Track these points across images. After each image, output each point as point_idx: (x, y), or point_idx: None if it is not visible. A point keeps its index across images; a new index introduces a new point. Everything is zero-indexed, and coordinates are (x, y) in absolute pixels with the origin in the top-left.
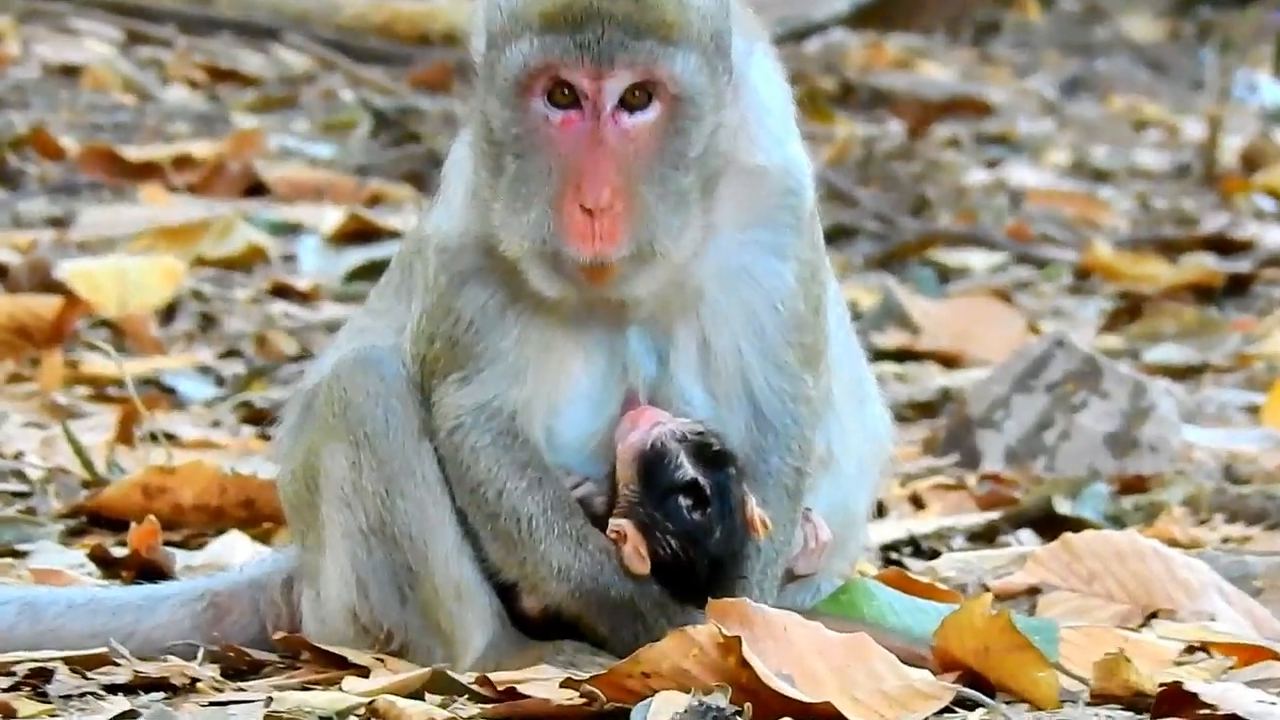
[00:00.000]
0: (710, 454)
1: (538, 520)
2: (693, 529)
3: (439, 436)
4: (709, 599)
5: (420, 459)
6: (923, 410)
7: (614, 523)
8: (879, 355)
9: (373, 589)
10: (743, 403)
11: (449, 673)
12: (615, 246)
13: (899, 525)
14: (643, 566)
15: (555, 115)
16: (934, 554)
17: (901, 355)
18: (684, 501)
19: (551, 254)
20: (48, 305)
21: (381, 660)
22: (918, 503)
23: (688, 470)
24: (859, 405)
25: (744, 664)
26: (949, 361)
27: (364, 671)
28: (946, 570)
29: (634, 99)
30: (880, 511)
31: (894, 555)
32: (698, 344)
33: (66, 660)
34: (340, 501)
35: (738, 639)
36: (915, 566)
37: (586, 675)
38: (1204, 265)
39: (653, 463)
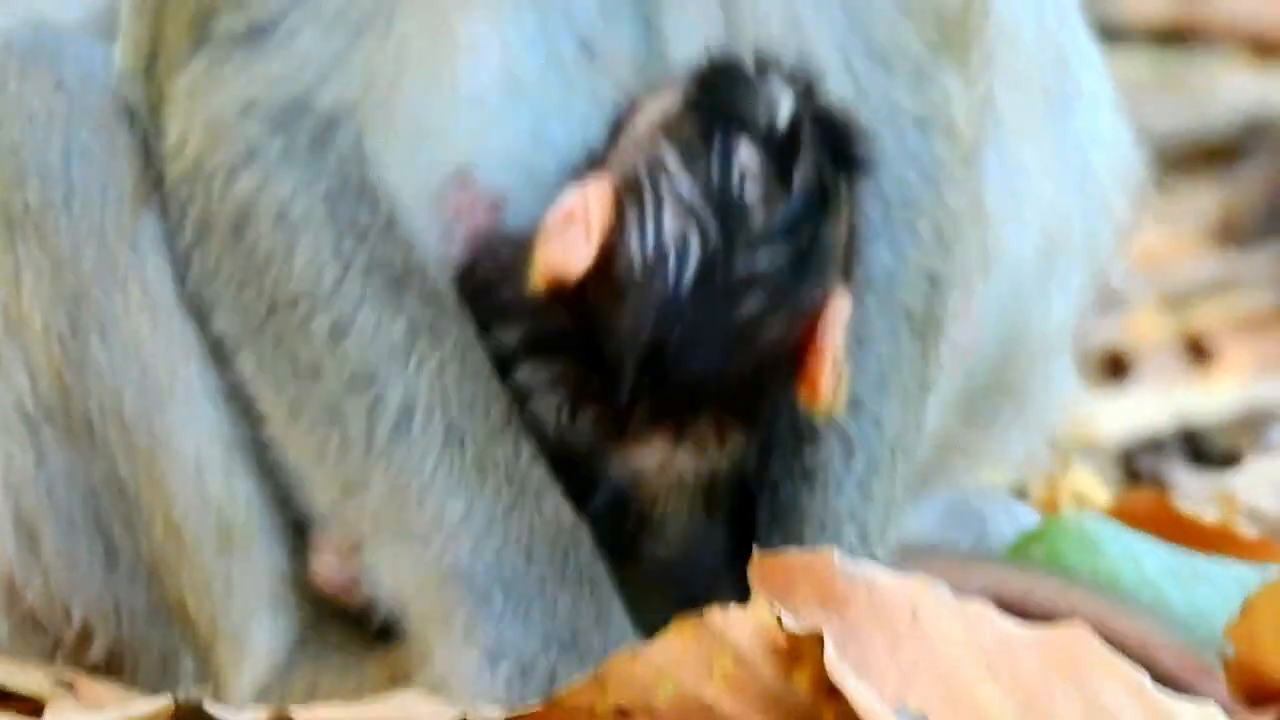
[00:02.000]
0: (841, 129)
1: (417, 398)
2: (725, 218)
3: (186, 184)
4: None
5: (141, 254)
6: (1212, 155)
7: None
8: (1114, 34)
9: (48, 534)
10: None
11: (207, 707)
12: None
13: (1161, 399)
14: (579, 255)
15: None
16: (1229, 458)
17: (1168, 35)
18: (746, 155)
19: None
20: None
21: (69, 686)
22: (1198, 350)
23: (785, 102)
24: (1057, 122)
25: (828, 689)
26: (1265, 50)
27: (32, 707)
28: (1256, 494)
29: None
30: (1116, 368)
31: (1147, 462)
32: (720, 3)
33: None
34: None
35: (816, 637)
36: (1191, 486)
37: (500, 714)
38: None
39: (721, 73)
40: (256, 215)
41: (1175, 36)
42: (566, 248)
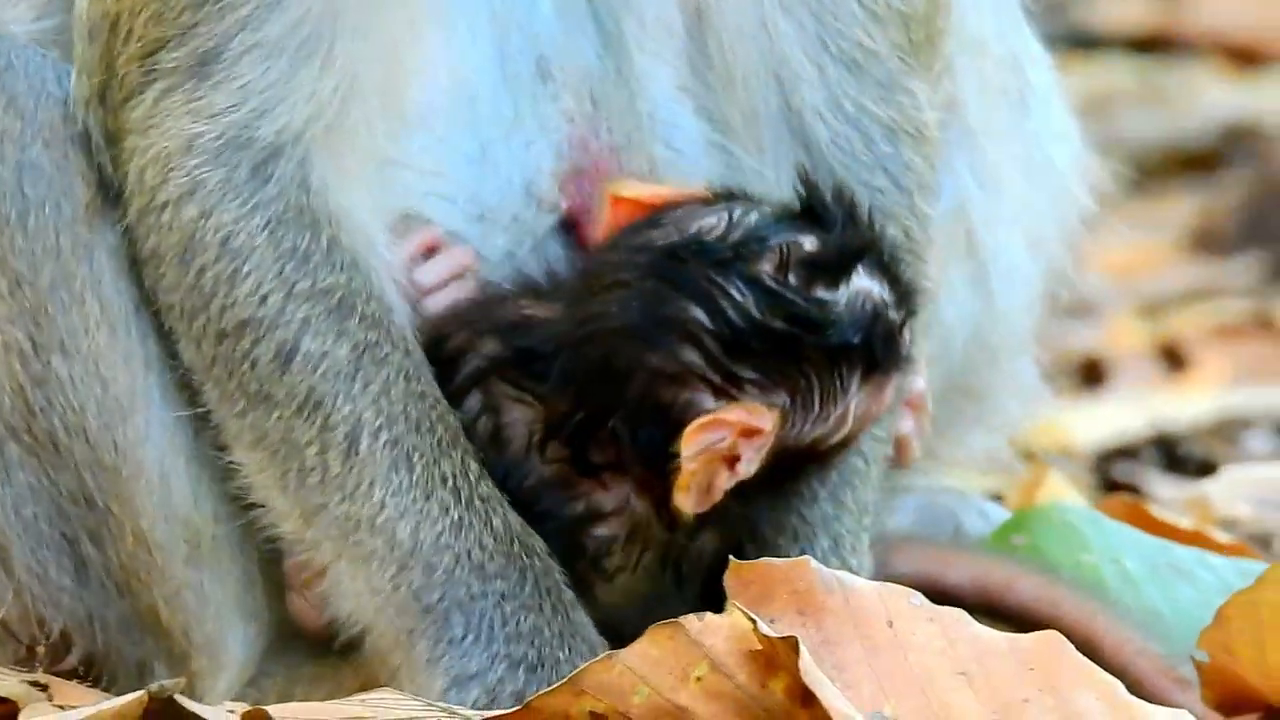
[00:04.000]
0: (900, 343)
1: (363, 420)
2: (742, 245)
3: (142, 217)
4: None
5: (97, 269)
6: (1190, 163)
7: None
8: (1092, 42)
9: (16, 550)
10: (783, 140)
11: (180, 701)
12: None
13: (1136, 406)
14: (646, 191)
15: None
16: (1205, 468)
17: (1146, 43)
18: (810, 242)
19: None
20: None
21: (43, 687)
22: (1174, 358)
23: (873, 277)
24: (1019, 121)
25: (804, 696)
26: (1242, 59)
27: (8, 709)
28: (1231, 502)
29: None
30: (1092, 375)
31: (1122, 469)
32: (685, 14)
33: None
34: None
35: (791, 642)
36: (1166, 493)
37: (475, 713)
38: None
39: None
40: (202, 244)
41: (1153, 45)
42: (642, 188)
